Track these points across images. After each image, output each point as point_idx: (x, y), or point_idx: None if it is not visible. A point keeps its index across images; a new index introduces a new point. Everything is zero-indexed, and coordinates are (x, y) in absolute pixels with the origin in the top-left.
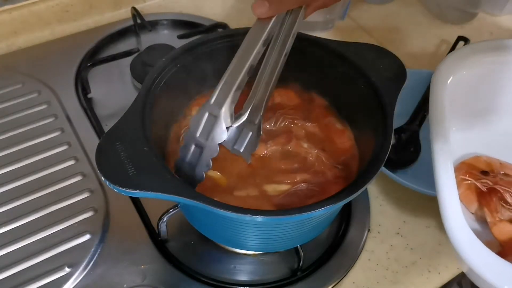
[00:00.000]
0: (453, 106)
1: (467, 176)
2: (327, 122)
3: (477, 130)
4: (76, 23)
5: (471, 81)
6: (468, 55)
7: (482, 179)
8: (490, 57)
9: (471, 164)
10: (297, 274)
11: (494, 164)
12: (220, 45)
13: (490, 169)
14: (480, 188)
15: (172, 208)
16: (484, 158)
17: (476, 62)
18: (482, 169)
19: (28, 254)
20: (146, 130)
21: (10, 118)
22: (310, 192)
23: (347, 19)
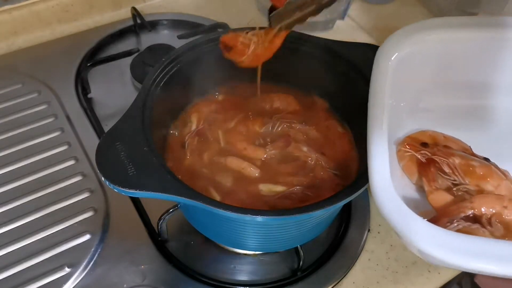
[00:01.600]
0: (399, 83)
1: (408, 148)
2: (328, 124)
3: (425, 106)
4: (76, 23)
5: (418, 58)
6: (409, 33)
7: (422, 150)
8: (437, 35)
9: (415, 138)
10: (297, 274)
11: (438, 138)
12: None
13: (434, 142)
14: (421, 159)
15: (172, 208)
16: (429, 132)
17: (421, 39)
18: (424, 142)
19: (28, 254)
20: (146, 130)
21: (10, 118)
22: (305, 196)
23: (347, 19)
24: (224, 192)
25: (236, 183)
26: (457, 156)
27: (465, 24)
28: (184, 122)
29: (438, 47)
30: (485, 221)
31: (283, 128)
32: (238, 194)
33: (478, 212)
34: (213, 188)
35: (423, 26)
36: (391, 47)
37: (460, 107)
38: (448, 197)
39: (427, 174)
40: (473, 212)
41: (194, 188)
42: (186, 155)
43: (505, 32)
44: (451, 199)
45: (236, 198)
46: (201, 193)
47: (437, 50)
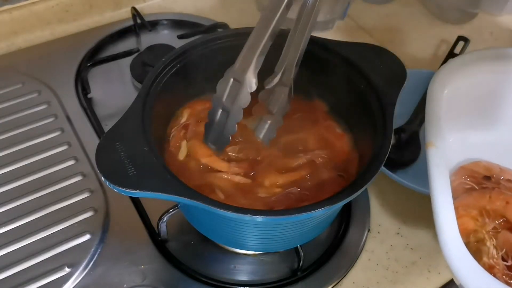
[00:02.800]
0: (450, 115)
1: (467, 180)
2: (326, 125)
3: (475, 138)
4: (76, 23)
5: (467, 90)
6: (462, 65)
7: (483, 183)
8: (485, 67)
9: (470, 169)
10: (297, 274)
11: (494, 169)
12: (220, 45)
13: (490, 173)
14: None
15: (172, 208)
16: (483, 163)
17: (470, 72)
18: (481, 173)
19: (28, 254)
20: (146, 130)
21: (10, 118)
22: (304, 196)
23: (347, 19)
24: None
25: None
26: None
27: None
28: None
29: (489, 79)
30: None
31: (283, 127)
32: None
33: None
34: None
35: (472, 58)
36: (443, 80)
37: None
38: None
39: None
40: None
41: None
42: (169, 148)
43: None
44: None
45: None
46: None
47: (489, 82)
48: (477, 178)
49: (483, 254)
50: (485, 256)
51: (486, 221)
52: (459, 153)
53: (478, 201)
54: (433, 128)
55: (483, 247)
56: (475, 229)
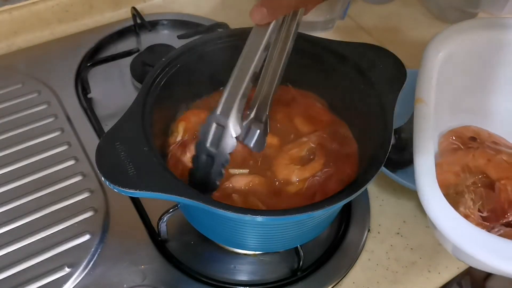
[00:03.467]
0: (444, 79)
1: (454, 140)
2: (306, 103)
3: (469, 104)
4: (76, 23)
5: (462, 57)
6: (458, 32)
7: (469, 144)
8: (481, 35)
9: (460, 132)
10: (297, 274)
11: (483, 134)
12: (220, 45)
13: (478, 137)
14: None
15: (172, 208)
16: (473, 127)
17: (466, 39)
18: (469, 135)
19: (28, 254)
20: (146, 130)
21: (10, 118)
22: (328, 176)
23: (347, 19)
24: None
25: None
26: (504, 153)
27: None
28: (184, 121)
29: (484, 47)
30: None
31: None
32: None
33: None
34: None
35: (470, 26)
36: (438, 44)
37: (501, 109)
38: None
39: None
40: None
41: None
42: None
43: None
44: None
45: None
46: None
47: (482, 50)
48: (464, 138)
49: (460, 204)
50: (462, 206)
51: (467, 176)
52: (451, 118)
53: (461, 159)
54: (423, 86)
55: (461, 199)
56: (456, 183)
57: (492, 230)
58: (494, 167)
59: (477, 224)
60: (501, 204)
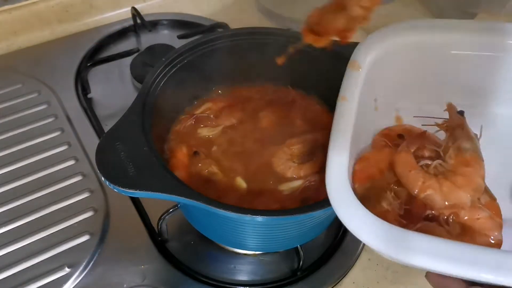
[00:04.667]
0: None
1: (383, 138)
2: (306, 104)
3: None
4: (76, 23)
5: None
6: (387, 35)
7: (396, 141)
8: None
9: (393, 129)
10: (297, 274)
11: (416, 131)
12: (220, 45)
13: (408, 134)
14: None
15: (172, 208)
16: (407, 126)
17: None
18: (398, 132)
19: (28, 254)
20: (146, 130)
21: (10, 118)
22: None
23: None
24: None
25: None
26: (428, 149)
27: (443, 27)
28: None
29: (413, 50)
30: (442, 220)
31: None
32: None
33: (436, 211)
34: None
35: (401, 28)
36: (370, 45)
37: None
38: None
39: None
40: (432, 212)
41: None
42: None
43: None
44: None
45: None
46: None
47: (413, 53)
48: (392, 136)
49: (383, 200)
50: (384, 202)
51: (391, 175)
52: (389, 118)
53: (387, 157)
54: (347, 84)
55: (384, 194)
56: (381, 179)
57: (409, 225)
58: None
59: (395, 219)
60: (418, 204)
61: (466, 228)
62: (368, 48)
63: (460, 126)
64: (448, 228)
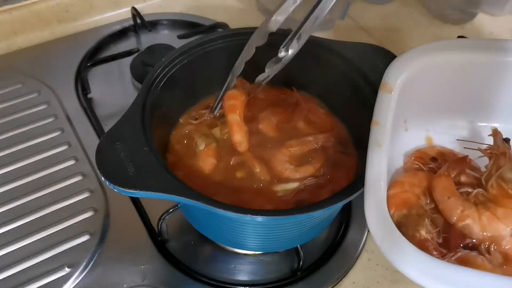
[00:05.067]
0: (409, 101)
1: (415, 161)
2: (309, 107)
3: (439, 127)
4: (76, 23)
5: (426, 79)
6: (422, 54)
7: (430, 164)
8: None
9: (424, 152)
10: (297, 274)
11: (447, 154)
12: (220, 45)
13: (442, 158)
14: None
15: (172, 208)
16: (438, 147)
17: (429, 61)
18: (430, 155)
19: (28, 254)
20: (146, 130)
21: (10, 118)
22: (320, 184)
23: (347, 19)
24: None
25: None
26: (467, 174)
27: (474, 47)
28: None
29: (443, 70)
30: (483, 248)
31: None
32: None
33: (477, 241)
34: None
35: (430, 48)
36: (400, 67)
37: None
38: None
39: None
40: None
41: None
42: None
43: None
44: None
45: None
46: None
47: (443, 73)
48: (425, 159)
49: (421, 227)
50: (423, 229)
51: (427, 201)
52: (419, 139)
53: (422, 182)
54: (381, 109)
55: (422, 222)
56: (418, 204)
57: (448, 255)
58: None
59: (434, 249)
60: (455, 232)
61: (508, 257)
62: (399, 69)
63: (505, 154)
64: (490, 257)
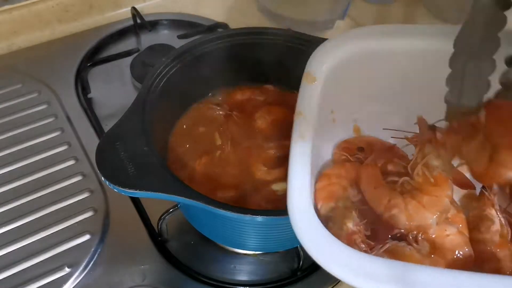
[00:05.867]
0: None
1: (343, 152)
2: None
3: (359, 116)
4: (76, 23)
5: (348, 68)
6: (345, 41)
7: (356, 154)
8: (367, 44)
9: (352, 142)
10: (297, 274)
11: (375, 143)
12: (220, 45)
13: (369, 147)
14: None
15: (172, 208)
16: (366, 137)
17: (352, 51)
18: (357, 145)
19: (28, 254)
20: (146, 130)
21: (10, 118)
22: None
23: (347, 19)
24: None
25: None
26: (395, 163)
27: (401, 33)
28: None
29: (369, 58)
30: (411, 238)
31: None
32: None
33: (405, 230)
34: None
35: (353, 35)
36: (323, 55)
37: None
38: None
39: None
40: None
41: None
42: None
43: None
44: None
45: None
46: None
47: (369, 61)
48: (352, 150)
49: (349, 220)
50: (351, 222)
51: (355, 192)
52: (347, 129)
53: (349, 173)
54: (303, 99)
55: (350, 214)
56: (345, 196)
57: (376, 247)
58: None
59: (362, 241)
60: (383, 223)
61: (436, 246)
62: (322, 57)
63: (430, 142)
64: (418, 247)
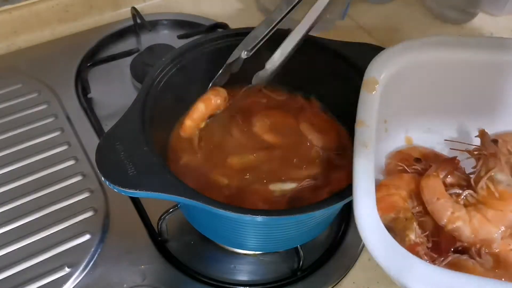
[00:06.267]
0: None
1: (399, 163)
2: (314, 112)
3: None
4: (76, 23)
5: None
6: (404, 50)
7: (414, 165)
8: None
9: (406, 153)
10: (297, 274)
11: (429, 154)
12: (220, 45)
13: (424, 158)
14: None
15: (172, 208)
16: (420, 148)
17: (412, 59)
18: (414, 156)
19: (28, 254)
20: (146, 130)
21: (10, 118)
22: (318, 186)
23: (347, 19)
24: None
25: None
26: (454, 176)
27: (460, 44)
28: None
29: (424, 69)
30: (474, 252)
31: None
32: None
33: (468, 244)
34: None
35: (412, 45)
36: (382, 65)
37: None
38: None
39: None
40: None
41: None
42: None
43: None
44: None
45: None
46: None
47: (424, 71)
48: (409, 160)
49: (410, 231)
50: (412, 233)
51: (414, 204)
52: (399, 140)
53: (408, 184)
54: (365, 109)
55: (411, 225)
56: (405, 207)
57: (438, 259)
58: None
59: (425, 253)
60: (445, 235)
61: (499, 260)
62: (381, 67)
63: (494, 155)
64: (481, 260)
